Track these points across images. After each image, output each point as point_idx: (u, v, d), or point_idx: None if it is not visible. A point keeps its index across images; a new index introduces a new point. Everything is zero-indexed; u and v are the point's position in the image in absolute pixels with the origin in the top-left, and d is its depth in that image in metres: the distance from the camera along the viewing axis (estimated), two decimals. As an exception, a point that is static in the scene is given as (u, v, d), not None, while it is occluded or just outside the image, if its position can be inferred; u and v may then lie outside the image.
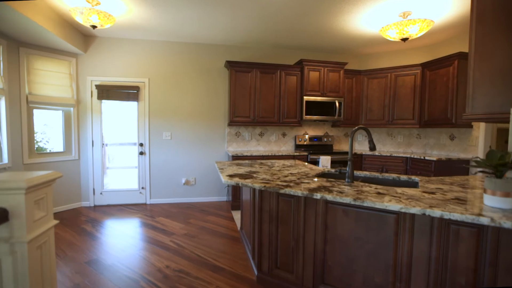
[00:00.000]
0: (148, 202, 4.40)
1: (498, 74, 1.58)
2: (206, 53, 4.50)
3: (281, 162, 3.01)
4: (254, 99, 4.38)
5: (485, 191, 1.40)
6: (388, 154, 4.33)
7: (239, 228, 3.32)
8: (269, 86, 4.43)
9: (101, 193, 4.29)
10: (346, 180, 1.90)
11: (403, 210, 1.34)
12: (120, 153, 4.49)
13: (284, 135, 4.90)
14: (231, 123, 4.32)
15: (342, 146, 5.22)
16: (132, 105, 4.34)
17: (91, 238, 3.05)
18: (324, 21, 3.56)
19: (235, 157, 4.07)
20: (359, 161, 4.58)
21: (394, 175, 2.22)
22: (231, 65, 4.25)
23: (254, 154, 4.12)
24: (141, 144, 4.36)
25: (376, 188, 1.71)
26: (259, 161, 3.07)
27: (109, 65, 4.20)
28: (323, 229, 1.86)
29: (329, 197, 1.53)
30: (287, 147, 4.92)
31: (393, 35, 3.23)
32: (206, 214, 3.93)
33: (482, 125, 3.68)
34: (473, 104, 1.73)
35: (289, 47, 4.71)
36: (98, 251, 2.74)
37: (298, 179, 2.01)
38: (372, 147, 1.97)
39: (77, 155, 4.13)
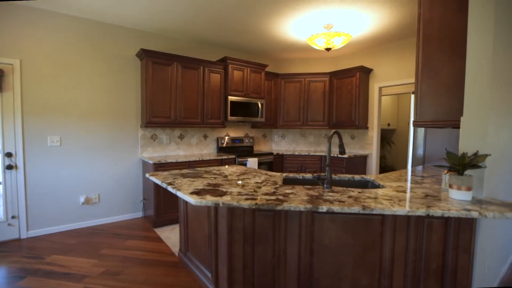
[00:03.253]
0: (25, 236, 3.11)
1: (443, 88, 1.88)
2: (113, 36, 3.58)
3: (229, 169, 2.71)
4: (175, 97, 3.81)
5: (451, 186, 1.62)
6: (307, 153, 4.69)
7: (176, 251, 2.79)
8: (192, 83, 3.97)
9: None
10: (325, 186, 1.85)
11: (410, 214, 1.38)
12: (-34, 169, 2.98)
13: (205, 137, 4.53)
14: (148, 124, 3.61)
15: (261, 147, 5.31)
16: (-11, 98, 2.94)
17: None
18: (252, 21, 3.45)
19: (157, 165, 3.42)
20: (280, 160, 4.76)
21: (349, 176, 2.35)
22: (148, 55, 3.55)
23: (180, 160, 3.59)
24: (8, 155, 3.02)
25: (360, 192, 1.72)
26: (202, 169, 2.66)
27: None
28: (309, 241, 1.74)
29: (336, 208, 1.42)
30: (209, 150, 4.58)
31: (320, 44, 3.47)
32: (123, 238, 3.12)
33: (375, 127, 4.51)
34: (420, 112, 2.00)
35: (212, 43, 4.38)
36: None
37: (275, 188, 1.81)
38: (342, 151, 2.00)
39: None
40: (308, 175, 2.36)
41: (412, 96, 3.39)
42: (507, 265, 2.56)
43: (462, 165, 1.57)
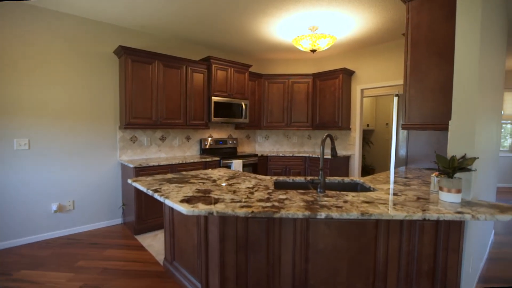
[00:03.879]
0: (-12, 249, 2.83)
1: (430, 92, 1.92)
2: (89, 31, 3.34)
3: (216, 173, 2.62)
4: (156, 97, 3.65)
5: (441, 188, 1.65)
6: (291, 154, 4.69)
7: (160, 259, 2.66)
8: (174, 83, 3.82)
9: None
10: (319, 190, 1.82)
11: (407, 218, 1.38)
12: None
13: (188, 138, 4.39)
14: (128, 125, 3.42)
15: (245, 148, 5.25)
16: None
17: None
18: (238, 19, 3.38)
19: (138, 169, 3.25)
20: (264, 162, 4.72)
21: (338, 178, 2.35)
22: (127, 53, 3.35)
23: (162, 163, 3.44)
24: (-32, 160, 2.72)
25: (354, 196, 1.72)
26: (188, 173, 2.55)
27: None
28: (304, 247, 1.71)
29: (335, 215, 1.39)
30: (192, 152, 4.44)
31: (306, 45, 3.47)
32: (101, 248, 2.93)
33: (358, 128, 4.60)
34: (409, 115, 2.04)
35: (195, 41, 4.24)
36: None
37: (268, 194, 1.76)
38: (334, 154, 1.98)
39: None
40: (299, 178, 2.33)
41: (395, 99, 3.50)
42: (484, 261, 2.70)
43: (452, 168, 1.60)
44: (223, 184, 2.09)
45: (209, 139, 4.52)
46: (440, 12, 1.86)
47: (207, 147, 4.47)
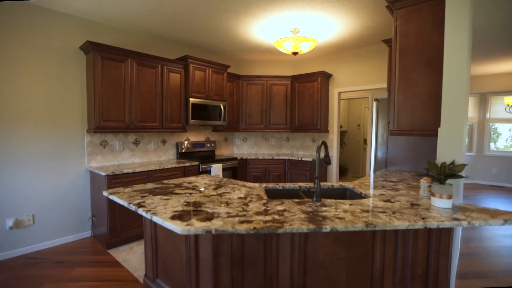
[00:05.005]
0: None
1: (418, 99, 1.97)
2: (52, 23, 2.98)
3: (201, 181, 2.46)
4: (130, 98, 3.38)
5: (433, 194, 1.69)
6: (270, 157, 4.64)
7: (139, 276, 2.44)
8: (149, 83, 3.57)
9: None
10: (314, 199, 1.78)
11: (410, 227, 1.38)
12: None
13: (164, 142, 4.14)
14: (98, 129, 3.12)
15: (223, 151, 5.10)
16: None
17: None
18: (219, 18, 3.25)
19: (111, 177, 2.97)
20: (244, 165, 4.62)
21: (328, 184, 2.33)
22: (96, 49, 3.05)
23: (138, 169, 3.19)
24: None
25: (351, 205, 1.69)
26: (170, 182, 2.36)
27: None
28: (302, 259, 1.65)
29: (340, 227, 1.34)
30: (168, 156, 4.20)
31: (288, 48, 3.43)
32: (69, 266, 2.62)
33: (335, 130, 4.69)
34: (398, 122, 2.07)
35: (170, 39, 4.01)
36: None
37: (264, 205, 1.67)
38: (328, 161, 1.95)
39: None
40: (289, 185, 2.28)
41: (375, 103, 3.60)
42: (457, 257, 2.86)
43: (444, 174, 1.64)
44: (212, 194, 1.95)
45: (186, 142, 4.32)
46: (428, 21, 1.91)
47: (184, 151, 4.26)
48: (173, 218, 1.44)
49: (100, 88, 3.11)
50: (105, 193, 2.01)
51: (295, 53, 3.52)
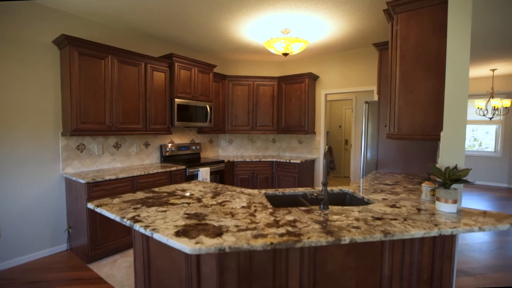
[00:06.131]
0: None
1: (419, 104, 1.98)
2: (20, 11, 2.65)
3: (195, 188, 2.31)
4: (111, 98, 3.12)
5: (438, 199, 1.70)
6: (258, 160, 4.56)
7: (127, 293, 2.25)
8: (132, 82, 3.33)
9: None
10: (321, 206, 1.71)
11: (426, 235, 1.36)
12: None
13: (147, 145, 3.90)
14: (75, 132, 2.84)
15: (208, 153, 4.93)
16: None
17: None
18: (207, 14, 3.10)
19: (92, 185, 2.72)
20: (231, 168, 4.50)
21: (328, 189, 2.28)
22: (73, 44, 2.78)
23: (121, 176, 2.95)
24: None
25: (360, 212, 1.65)
26: (162, 190, 2.19)
27: None
28: (312, 270, 1.58)
29: (359, 238, 1.28)
30: (151, 160, 3.97)
31: (279, 48, 3.36)
32: (45, 286, 2.35)
33: (322, 132, 4.70)
34: (398, 125, 2.07)
35: (154, 36, 3.78)
36: None
37: (272, 214, 1.58)
38: (333, 167, 1.90)
39: None
40: (288, 191, 2.20)
41: (365, 106, 3.60)
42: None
43: (450, 179, 1.65)
44: (212, 203, 1.83)
45: (170, 145, 4.11)
46: (428, 26, 1.92)
47: (168, 154, 4.04)
48: (177, 234, 1.30)
49: (77, 86, 2.83)
50: (90, 206, 1.81)
51: (285, 54, 3.46)
